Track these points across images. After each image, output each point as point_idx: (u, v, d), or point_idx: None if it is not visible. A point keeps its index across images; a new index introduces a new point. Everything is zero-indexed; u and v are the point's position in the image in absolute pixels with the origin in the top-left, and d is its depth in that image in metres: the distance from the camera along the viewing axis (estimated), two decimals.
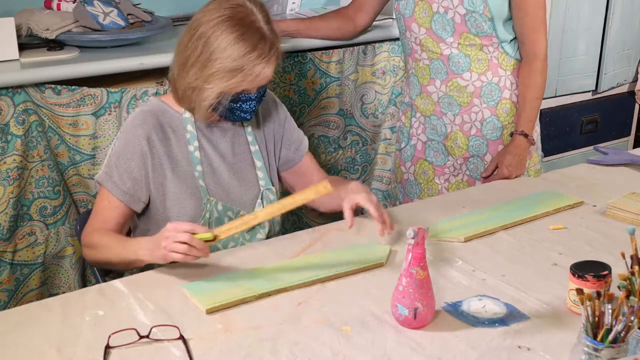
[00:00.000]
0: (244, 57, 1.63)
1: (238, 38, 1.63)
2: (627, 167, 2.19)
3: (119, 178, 1.70)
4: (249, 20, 1.65)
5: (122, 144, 1.71)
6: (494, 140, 2.22)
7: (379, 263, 1.59)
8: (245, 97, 1.70)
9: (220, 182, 1.78)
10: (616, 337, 1.12)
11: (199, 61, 1.65)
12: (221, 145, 1.79)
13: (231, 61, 1.63)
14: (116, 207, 1.71)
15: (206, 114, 1.72)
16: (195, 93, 1.68)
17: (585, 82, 3.38)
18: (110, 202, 1.70)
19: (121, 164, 1.70)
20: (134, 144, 1.70)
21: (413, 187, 2.38)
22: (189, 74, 1.68)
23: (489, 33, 2.11)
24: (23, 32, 2.17)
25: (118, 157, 1.71)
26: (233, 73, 1.64)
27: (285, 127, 1.90)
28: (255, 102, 1.72)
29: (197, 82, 1.67)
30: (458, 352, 1.28)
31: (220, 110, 1.70)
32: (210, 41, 1.64)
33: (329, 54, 2.51)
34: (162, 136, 1.72)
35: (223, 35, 1.63)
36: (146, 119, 1.72)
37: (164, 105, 1.76)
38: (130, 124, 1.72)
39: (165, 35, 2.37)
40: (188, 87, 1.69)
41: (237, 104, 1.70)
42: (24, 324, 1.36)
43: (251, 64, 1.64)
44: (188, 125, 1.75)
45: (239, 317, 1.39)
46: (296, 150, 1.91)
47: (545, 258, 1.63)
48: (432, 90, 2.23)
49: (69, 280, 2.22)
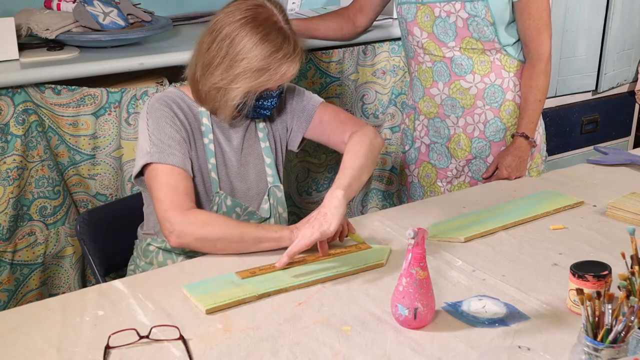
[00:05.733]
0: (270, 57, 1.66)
1: (263, 39, 1.66)
2: (627, 167, 2.19)
3: (171, 148, 1.67)
4: (271, 21, 1.68)
5: (156, 121, 1.70)
6: (496, 142, 2.22)
7: (379, 263, 1.59)
8: (267, 94, 1.73)
9: (230, 177, 1.80)
10: (616, 337, 1.12)
11: (225, 62, 1.67)
12: (234, 140, 1.81)
13: (258, 61, 1.66)
14: (185, 177, 1.67)
15: (232, 114, 1.74)
16: (220, 93, 1.70)
17: (585, 82, 3.38)
18: (180, 173, 1.66)
19: (164, 135, 1.68)
20: (167, 117, 1.70)
21: (417, 190, 2.38)
22: (213, 75, 1.69)
23: (491, 38, 2.10)
24: (23, 32, 2.17)
25: (159, 132, 1.69)
26: (259, 72, 1.67)
27: (292, 109, 1.89)
28: (276, 99, 1.77)
29: (223, 82, 1.69)
30: (458, 352, 1.28)
31: (246, 110, 1.74)
32: (235, 42, 1.66)
33: (329, 54, 2.51)
34: (184, 119, 1.74)
35: (248, 35, 1.66)
36: (169, 100, 1.74)
37: (183, 95, 1.79)
38: (156, 104, 1.72)
39: (165, 35, 2.38)
40: (213, 87, 1.70)
41: (258, 101, 1.74)
42: (24, 324, 1.36)
43: (277, 63, 1.67)
44: (204, 118, 1.77)
45: (239, 317, 1.39)
46: (303, 111, 1.88)
47: (545, 258, 1.63)
48: (435, 92, 2.23)
49: (69, 280, 2.22)
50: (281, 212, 1.86)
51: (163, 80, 2.23)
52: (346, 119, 1.88)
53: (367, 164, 1.74)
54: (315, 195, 2.69)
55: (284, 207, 1.87)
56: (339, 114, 1.89)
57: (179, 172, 1.67)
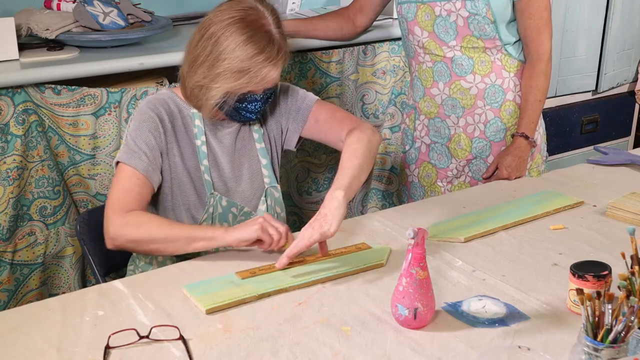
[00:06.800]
0: (251, 59, 1.65)
1: (247, 40, 1.65)
2: (627, 167, 2.19)
3: (141, 153, 1.68)
4: (259, 24, 1.67)
5: (137, 123, 1.71)
6: (497, 142, 2.22)
7: (379, 263, 1.59)
8: (251, 97, 1.72)
9: (224, 178, 1.79)
10: (616, 337, 1.12)
11: (208, 60, 1.67)
12: (227, 142, 1.81)
13: (239, 62, 1.65)
14: (144, 183, 1.68)
15: (212, 112, 1.73)
16: (202, 92, 1.70)
17: (585, 82, 3.38)
18: (139, 178, 1.67)
19: (139, 139, 1.69)
20: (149, 120, 1.71)
21: (417, 190, 2.38)
22: (197, 73, 1.69)
23: (492, 36, 2.10)
24: (23, 32, 2.17)
25: (135, 135, 1.70)
26: (240, 74, 1.66)
27: (287, 109, 1.88)
28: (260, 103, 1.74)
29: (205, 80, 1.68)
30: (458, 352, 1.28)
31: (226, 109, 1.72)
32: (220, 41, 1.66)
33: (329, 54, 2.51)
34: (173, 123, 1.74)
35: (233, 36, 1.65)
36: (158, 105, 1.74)
37: (175, 97, 1.79)
38: (144, 107, 1.73)
39: (165, 35, 2.38)
40: (196, 85, 1.71)
41: (242, 104, 1.72)
42: (24, 324, 1.36)
43: (258, 66, 1.66)
44: (196, 120, 1.77)
45: (239, 317, 1.39)
46: (298, 111, 1.88)
47: (545, 258, 1.63)
48: (436, 92, 2.23)
49: (69, 280, 2.22)
50: (279, 212, 1.86)
51: (163, 80, 2.23)
52: (343, 117, 1.87)
53: (366, 163, 1.73)
54: (315, 195, 2.69)
55: (282, 207, 1.87)
56: (335, 112, 1.88)
57: (138, 177, 1.67)
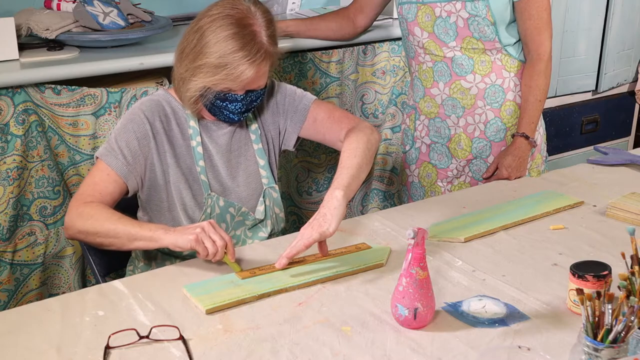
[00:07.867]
0: (229, 55, 1.65)
1: (230, 36, 1.65)
2: (627, 167, 2.19)
3: (119, 152, 1.69)
4: (246, 22, 1.67)
5: (124, 123, 1.72)
6: (497, 142, 2.22)
7: (379, 263, 1.59)
8: (231, 97, 1.71)
9: (220, 179, 1.79)
10: (616, 337, 1.12)
11: (192, 53, 1.68)
12: (223, 142, 1.80)
13: (217, 57, 1.65)
14: (115, 180, 1.68)
15: (191, 107, 1.73)
16: (184, 84, 1.71)
17: (585, 82, 3.38)
18: (109, 175, 1.68)
19: (121, 139, 1.70)
20: (138, 123, 1.71)
21: (417, 190, 2.38)
22: (182, 65, 1.71)
23: (492, 38, 2.10)
24: (23, 32, 2.17)
25: (119, 133, 1.71)
26: (217, 69, 1.66)
27: (285, 109, 1.88)
28: (241, 104, 1.73)
29: (186, 73, 1.69)
30: (458, 352, 1.28)
31: (207, 105, 1.72)
32: (204, 35, 1.66)
33: (329, 54, 2.51)
34: (166, 126, 1.74)
35: (217, 31, 1.65)
36: (152, 107, 1.74)
37: (170, 98, 1.78)
38: (137, 108, 1.73)
39: (165, 35, 2.38)
40: (179, 77, 1.72)
41: (223, 102, 1.72)
42: (24, 324, 1.36)
43: (235, 62, 1.65)
44: (191, 121, 1.77)
45: (239, 317, 1.39)
46: (296, 111, 1.87)
47: (545, 258, 1.63)
48: (436, 92, 2.23)
49: (69, 280, 2.22)
50: (278, 212, 1.86)
51: (163, 80, 2.23)
52: (341, 117, 1.87)
53: (365, 162, 1.72)
54: (315, 195, 2.69)
55: (280, 207, 1.87)
56: (333, 111, 1.88)
57: (109, 174, 1.68)
